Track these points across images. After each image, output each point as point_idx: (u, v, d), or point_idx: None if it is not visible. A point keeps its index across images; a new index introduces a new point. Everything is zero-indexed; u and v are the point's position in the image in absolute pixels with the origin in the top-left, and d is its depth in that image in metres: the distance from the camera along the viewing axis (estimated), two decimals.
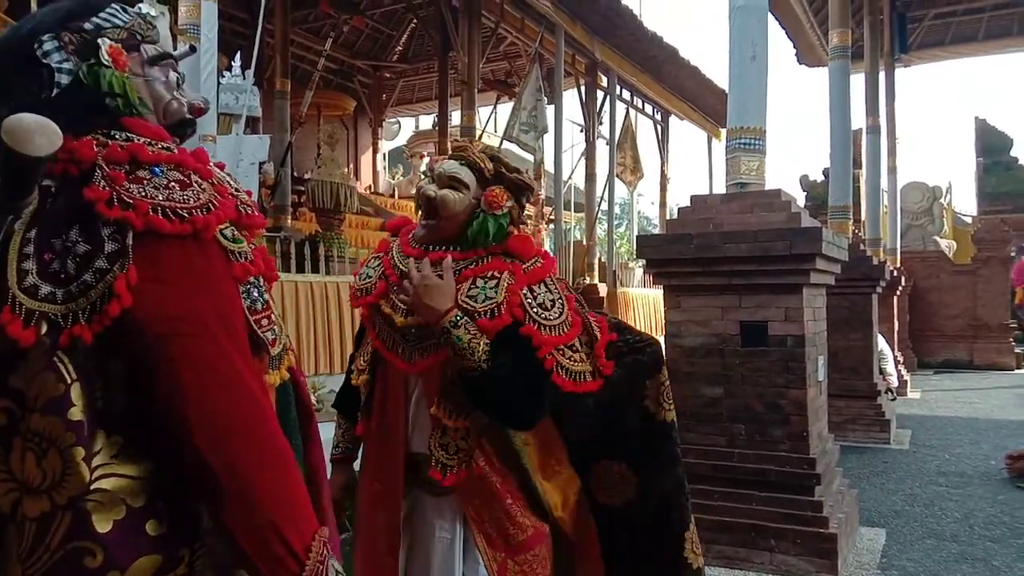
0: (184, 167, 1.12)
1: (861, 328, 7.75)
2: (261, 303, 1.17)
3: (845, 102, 8.92)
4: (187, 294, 1.04)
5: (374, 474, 1.88)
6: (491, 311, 1.71)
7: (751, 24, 4.64)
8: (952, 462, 6.80)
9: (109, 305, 0.98)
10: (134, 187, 1.05)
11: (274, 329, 1.19)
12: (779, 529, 3.96)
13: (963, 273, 15.85)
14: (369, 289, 1.87)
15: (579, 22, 10.65)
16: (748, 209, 4.25)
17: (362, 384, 1.92)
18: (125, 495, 1.01)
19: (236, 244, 1.14)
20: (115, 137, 1.11)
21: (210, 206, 1.10)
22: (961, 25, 15.02)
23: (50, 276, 1.01)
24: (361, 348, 1.99)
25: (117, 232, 1.02)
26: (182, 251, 1.05)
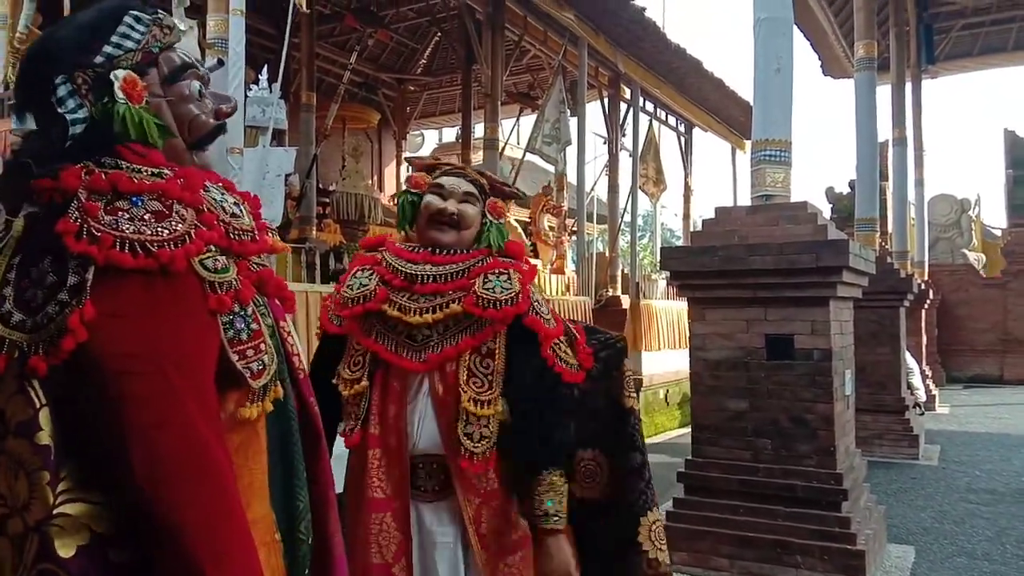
0: (167, 196, 1.10)
1: (889, 342, 7.66)
2: (247, 333, 1.13)
3: (871, 114, 8.84)
4: (143, 331, 1.02)
5: (379, 482, 1.87)
6: (511, 299, 1.88)
7: (776, 36, 4.62)
8: (983, 479, 6.68)
9: (64, 339, 0.98)
10: (108, 219, 1.04)
11: (262, 359, 1.14)
12: (805, 545, 3.90)
13: (993, 286, 15.63)
14: (368, 296, 1.90)
15: (602, 34, 10.66)
16: (774, 221, 4.22)
17: (354, 393, 1.90)
18: (88, 520, 1.00)
19: (218, 274, 1.11)
20: (104, 164, 1.10)
21: (185, 238, 1.07)
22: (989, 36, 14.85)
23: (23, 304, 1.01)
24: (344, 359, 1.94)
25: (80, 266, 1.01)
26: (145, 286, 1.03)
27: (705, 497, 4.26)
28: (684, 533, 4.22)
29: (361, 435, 1.89)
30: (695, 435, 4.41)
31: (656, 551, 2.08)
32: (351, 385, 1.90)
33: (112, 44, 1.17)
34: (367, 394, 1.90)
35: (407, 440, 1.88)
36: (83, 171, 1.07)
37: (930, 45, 13.15)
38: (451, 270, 1.91)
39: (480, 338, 1.89)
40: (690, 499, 4.32)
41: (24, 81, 1.19)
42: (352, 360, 1.92)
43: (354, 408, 1.90)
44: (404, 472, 1.87)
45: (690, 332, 4.46)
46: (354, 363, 1.92)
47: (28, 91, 1.18)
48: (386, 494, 1.87)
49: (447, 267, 1.91)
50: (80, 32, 1.17)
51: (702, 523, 4.18)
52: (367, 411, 1.90)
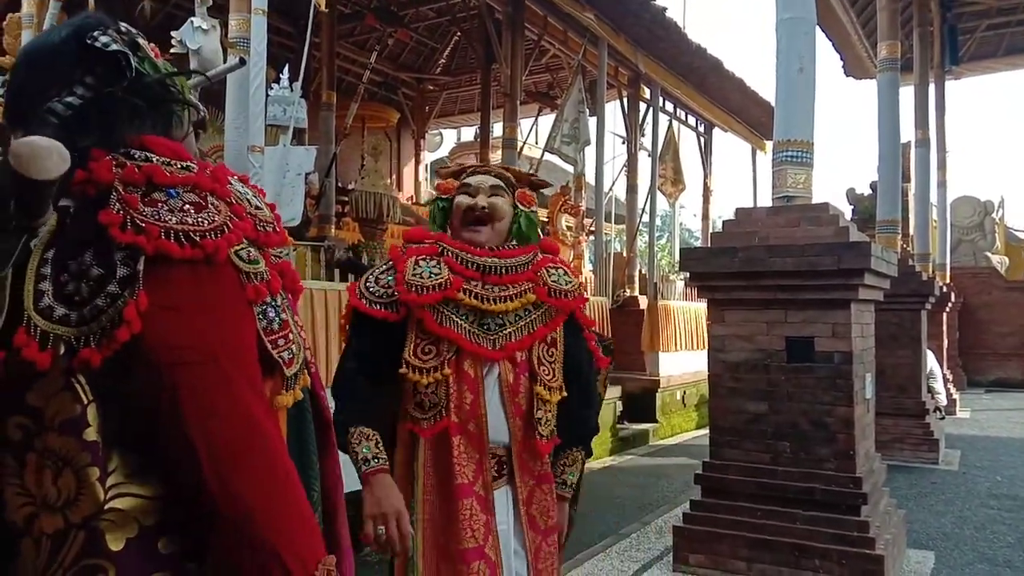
0: (200, 188, 1.11)
1: (910, 345, 7.59)
2: (278, 323, 1.15)
3: (894, 115, 8.76)
4: (195, 321, 1.03)
5: (462, 468, 1.93)
6: (576, 290, 2.07)
7: (798, 36, 4.59)
8: (1004, 484, 6.60)
9: (119, 330, 0.98)
10: (148, 210, 1.04)
11: (291, 348, 1.17)
12: (824, 549, 3.88)
13: (1016, 289, 15.45)
14: (445, 284, 1.93)
15: (622, 34, 10.63)
16: (795, 223, 4.19)
17: (432, 381, 1.93)
18: (137, 514, 1.02)
19: (252, 265, 1.12)
20: (134, 157, 1.10)
21: (224, 228, 1.09)
22: (1014, 36, 14.66)
23: (64, 298, 1.01)
24: (408, 346, 1.95)
25: (129, 257, 1.01)
26: (193, 276, 1.05)
27: (723, 499, 4.24)
28: (702, 535, 4.20)
29: (446, 422, 1.94)
30: (713, 437, 4.39)
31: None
32: (428, 374, 1.92)
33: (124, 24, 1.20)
34: (446, 382, 1.94)
35: (485, 426, 1.96)
36: (113, 163, 1.07)
37: (954, 46, 13.01)
38: (519, 262, 2.03)
39: (552, 326, 2.04)
40: (708, 501, 4.31)
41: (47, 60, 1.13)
42: (421, 348, 1.94)
43: (430, 397, 1.94)
44: (484, 457, 1.96)
45: (709, 334, 4.44)
46: (424, 351, 1.94)
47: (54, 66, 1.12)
48: (469, 480, 1.94)
49: (513, 260, 2.02)
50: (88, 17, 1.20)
51: (720, 525, 4.16)
52: (446, 399, 1.94)
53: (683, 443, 9.09)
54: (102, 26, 1.14)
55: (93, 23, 1.15)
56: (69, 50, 1.12)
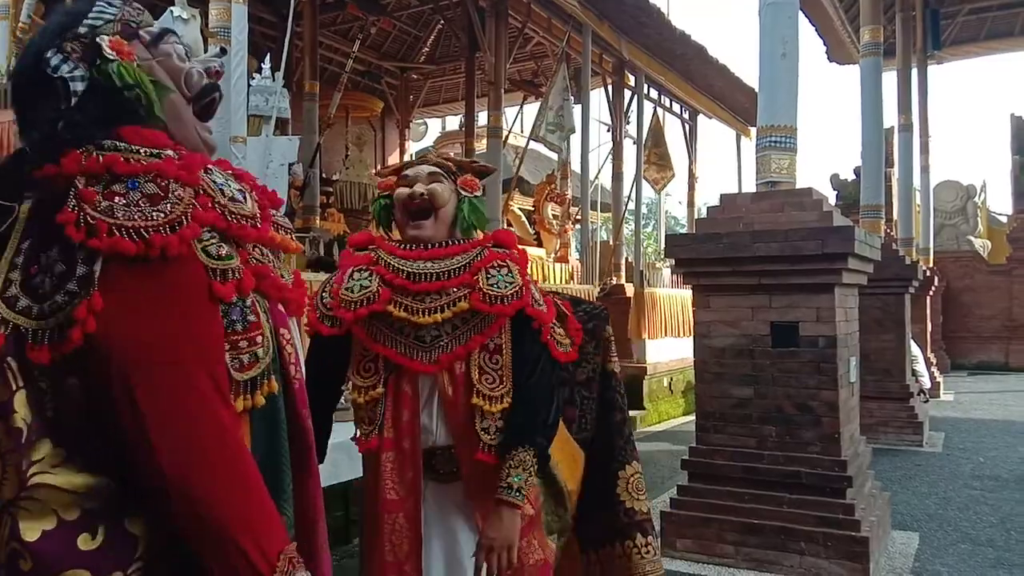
0: (163, 176, 1.08)
1: (893, 329, 7.65)
2: (242, 324, 1.11)
3: (877, 100, 8.79)
4: (156, 320, 1.02)
5: (392, 484, 1.90)
6: (516, 293, 1.90)
7: (781, 21, 4.59)
8: (987, 465, 6.68)
9: (72, 330, 0.98)
10: (104, 204, 1.03)
11: (256, 352, 1.12)
12: (809, 532, 3.91)
13: (998, 273, 15.59)
14: (372, 298, 1.86)
15: (606, 21, 10.59)
16: (779, 208, 4.21)
17: (369, 399, 1.89)
18: (57, 506, 1.00)
19: (222, 261, 1.09)
20: (104, 147, 1.08)
21: (181, 221, 1.05)
22: (996, 20, 14.72)
23: (30, 290, 1.02)
24: (353, 364, 1.92)
25: (88, 256, 1.01)
26: (149, 273, 1.03)
27: (710, 484, 4.27)
28: (689, 520, 4.23)
29: (377, 441, 1.90)
30: (699, 422, 4.41)
31: (633, 501, 2.26)
32: (365, 392, 1.89)
33: (91, 18, 1.19)
34: (382, 399, 1.90)
35: (420, 442, 1.91)
36: (83, 155, 1.06)
37: (936, 30, 13.06)
38: (453, 266, 1.90)
39: (488, 334, 1.90)
40: (695, 486, 4.33)
41: (17, 79, 1.19)
42: (362, 366, 1.91)
43: (368, 413, 1.91)
44: (417, 474, 1.90)
45: (695, 320, 4.46)
46: (364, 369, 1.90)
47: (21, 84, 1.17)
48: (399, 495, 1.90)
49: (447, 262, 1.90)
50: (59, 17, 1.20)
51: (707, 510, 4.19)
52: (382, 416, 1.90)
53: (670, 429, 9.13)
54: (57, 41, 1.15)
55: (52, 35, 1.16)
56: (35, 74, 1.15)
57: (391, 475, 1.90)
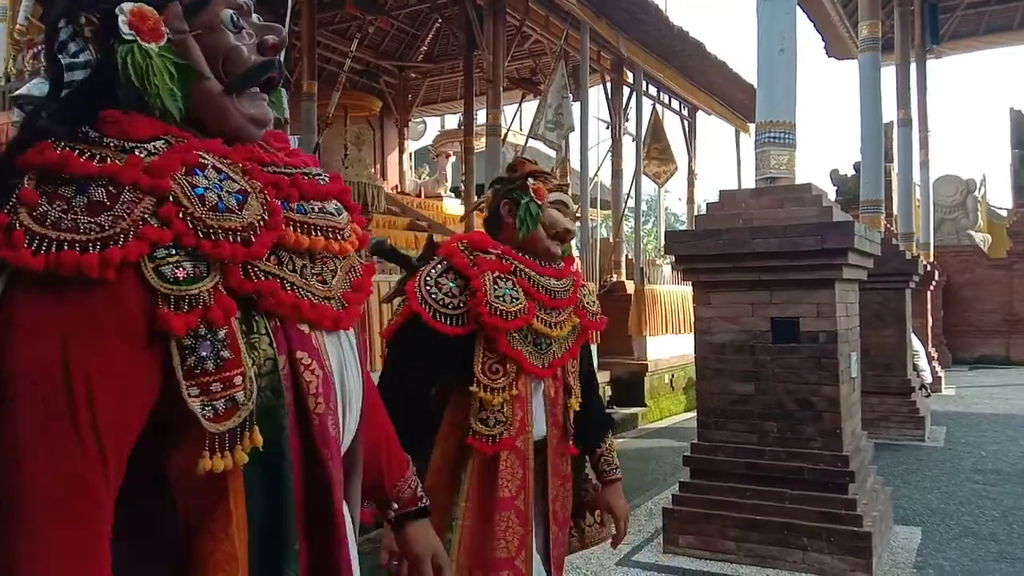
0: (117, 181, 0.87)
1: (894, 324, 7.65)
2: (214, 362, 0.89)
3: (876, 95, 8.80)
4: (34, 349, 0.83)
5: (506, 482, 2.02)
6: (600, 311, 2.27)
7: (779, 16, 4.59)
8: (989, 459, 6.68)
9: None
10: (42, 208, 0.85)
11: (235, 396, 0.90)
12: (812, 528, 3.91)
13: (999, 267, 15.58)
14: (524, 311, 1.99)
15: (604, 18, 10.59)
16: (778, 203, 4.21)
17: (505, 400, 1.99)
18: None
19: (179, 286, 0.88)
20: (83, 137, 0.92)
21: (119, 238, 0.85)
22: (995, 14, 14.71)
23: None
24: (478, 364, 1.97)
25: (1, 266, 0.85)
26: (56, 296, 0.84)
27: (711, 481, 4.27)
28: (691, 517, 4.23)
29: (510, 439, 2.01)
30: (701, 419, 4.41)
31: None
32: (501, 392, 1.98)
33: None
34: (513, 401, 2.01)
35: (531, 441, 2.07)
36: (51, 145, 0.90)
37: (935, 25, 13.06)
38: (568, 286, 2.13)
39: (581, 341, 2.20)
40: (696, 483, 4.33)
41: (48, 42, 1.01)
42: (488, 367, 1.99)
43: (496, 414, 1.99)
44: (527, 471, 2.05)
45: (695, 316, 4.45)
46: (492, 370, 1.99)
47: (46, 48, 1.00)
48: (511, 492, 2.02)
49: (565, 282, 2.12)
50: None
51: (709, 507, 4.19)
52: (511, 417, 2.01)
53: (672, 426, 9.14)
54: (75, 9, 0.97)
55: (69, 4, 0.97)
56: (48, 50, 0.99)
57: (505, 473, 2.02)
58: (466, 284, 1.97)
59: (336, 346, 1.07)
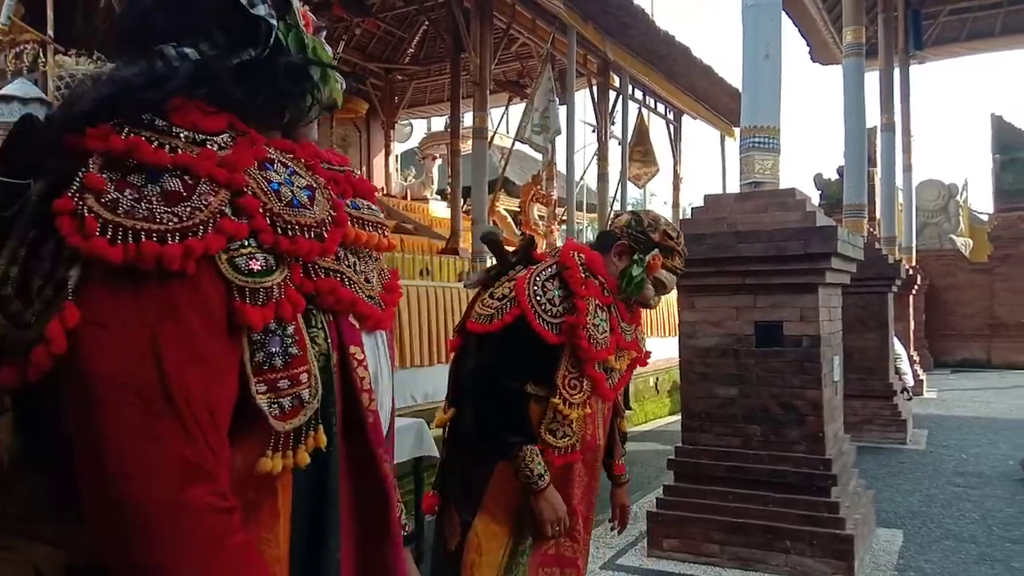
0: (193, 172, 0.85)
1: (877, 328, 7.70)
2: (283, 359, 0.88)
3: (860, 100, 8.86)
4: (124, 345, 0.79)
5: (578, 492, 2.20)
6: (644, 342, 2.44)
7: (764, 22, 4.62)
8: (970, 462, 6.74)
9: (36, 350, 0.78)
10: (111, 196, 0.81)
11: (301, 394, 0.89)
12: (795, 530, 3.93)
13: (980, 271, 15.73)
14: (607, 344, 2.12)
15: (591, 22, 10.62)
16: (762, 208, 4.23)
17: (581, 416, 2.12)
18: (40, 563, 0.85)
19: (253, 278, 0.85)
20: (148, 125, 0.87)
21: (198, 230, 0.82)
22: (977, 21, 14.89)
23: (24, 291, 0.82)
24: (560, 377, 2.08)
25: (70, 257, 0.80)
26: (136, 288, 0.80)
27: (695, 484, 4.28)
28: (675, 520, 4.24)
29: (580, 453, 2.16)
30: (685, 422, 4.42)
31: None
32: (580, 407, 2.11)
33: None
34: (588, 418, 2.16)
35: (600, 454, 2.28)
36: (112, 130, 0.85)
37: (918, 30, 13.18)
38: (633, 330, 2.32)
39: (632, 370, 2.35)
40: (680, 486, 4.34)
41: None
42: (568, 382, 2.08)
43: (567, 428, 2.10)
44: (593, 478, 2.25)
45: (680, 320, 4.47)
46: (571, 386, 2.08)
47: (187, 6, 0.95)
48: (578, 501, 2.21)
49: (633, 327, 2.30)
50: None
51: (692, 510, 4.20)
52: (582, 432, 2.15)
53: (656, 429, 9.16)
54: None
55: None
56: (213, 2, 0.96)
57: (577, 484, 2.18)
58: (568, 296, 2.06)
59: (373, 347, 1.05)
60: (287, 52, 0.98)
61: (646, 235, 2.17)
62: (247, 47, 0.94)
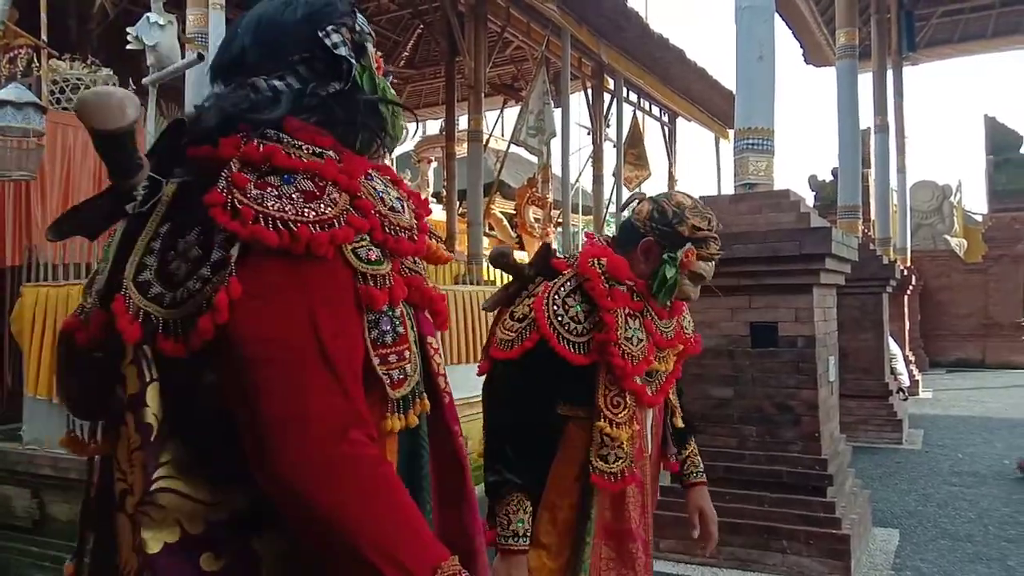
0: (321, 176, 0.99)
1: (872, 328, 7.72)
2: (392, 336, 1.02)
3: (853, 101, 8.89)
4: (287, 314, 0.92)
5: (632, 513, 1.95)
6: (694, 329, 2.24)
7: (757, 24, 4.64)
8: (965, 462, 6.76)
9: (203, 318, 0.90)
10: (255, 192, 0.95)
11: (405, 368, 1.03)
12: (791, 530, 3.94)
13: (974, 272, 15.77)
14: (644, 352, 1.89)
15: (585, 25, 10.65)
16: (757, 210, 4.24)
17: (631, 436, 1.87)
18: (182, 517, 0.93)
19: (371, 266, 1.00)
20: (266, 136, 1.00)
21: (334, 222, 0.96)
22: (969, 22, 14.94)
23: (166, 276, 0.95)
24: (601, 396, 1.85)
25: (227, 241, 0.92)
26: (290, 268, 0.93)
27: None
28: (671, 521, 4.23)
29: (632, 480, 1.89)
30: None
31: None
32: (623, 428, 1.85)
33: (361, 20, 1.17)
34: (635, 436, 1.89)
35: (648, 466, 2.03)
36: (241, 140, 0.99)
37: (911, 32, 13.22)
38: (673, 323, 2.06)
39: (683, 361, 2.15)
40: (677, 487, 4.34)
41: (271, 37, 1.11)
42: (610, 400, 1.85)
43: (617, 450, 1.84)
44: (645, 498, 2.02)
45: None
46: (613, 403, 1.85)
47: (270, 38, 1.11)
48: (636, 523, 1.97)
49: (673, 321, 2.06)
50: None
51: None
52: (632, 452, 1.88)
53: None
54: (338, 19, 1.12)
55: (330, 12, 1.12)
56: (298, 36, 1.10)
57: (632, 505, 1.95)
58: (592, 309, 1.85)
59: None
60: (362, 90, 1.12)
61: (673, 229, 1.92)
62: (331, 81, 1.08)
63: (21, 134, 4.82)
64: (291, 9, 1.11)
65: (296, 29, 1.10)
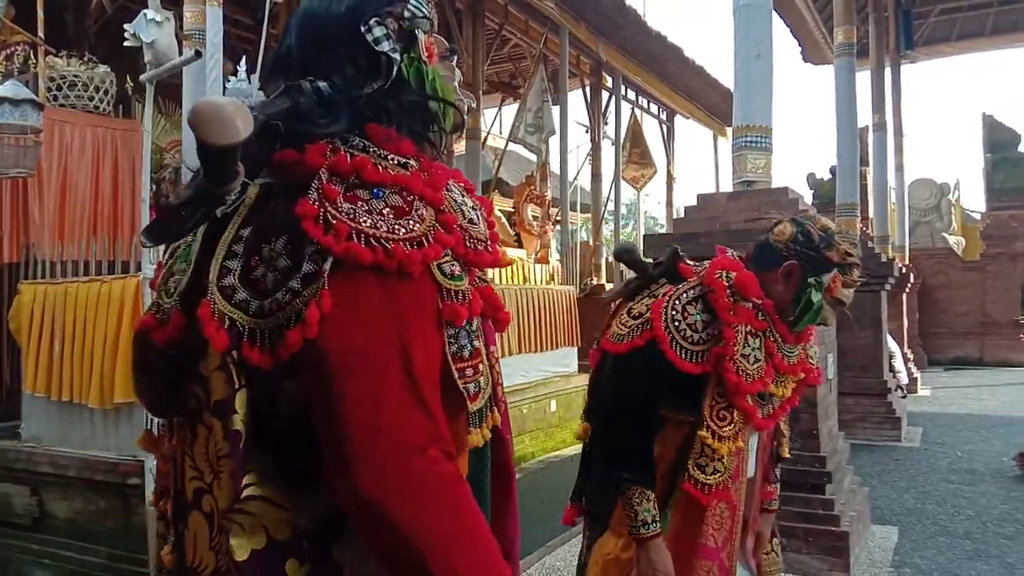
0: (409, 191, 0.98)
1: (870, 326, 7.72)
2: (469, 350, 1.02)
3: (851, 99, 8.89)
4: (375, 329, 0.92)
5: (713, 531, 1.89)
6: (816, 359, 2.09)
7: (755, 22, 4.64)
8: (964, 459, 6.76)
9: (292, 331, 0.89)
10: (346, 206, 0.93)
11: (479, 381, 1.04)
12: (790, 527, 3.94)
13: (972, 269, 15.78)
14: (762, 373, 1.85)
15: (583, 22, 10.65)
16: (755, 207, 4.24)
17: (732, 451, 1.86)
18: (268, 524, 0.94)
19: (453, 282, 1.00)
20: (351, 144, 0.99)
21: (423, 240, 0.95)
22: (967, 20, 14.94)
23: (250, 283, 0.94)
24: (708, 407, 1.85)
25: (318, 254, 0.91)
26: (380, 284, 0.93)
27: None
28: None
29: (726, 496, 1.88)
30: None
31: None
32: (727, 442, 1.84)
33: (413, 5, 1.09)
34: (739, 452, 1.88)
35: (746, 494, 1.97)
36: (328, 148, 0.97)
37: (909, 30, 13.22)
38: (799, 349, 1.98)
39: (801, 392, 2.04)
40: None
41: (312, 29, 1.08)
42: (717, 412, 1.85)
43: (715, 462, 1.84)
44: (735, 523, 1.92)
45: None
46: (719, 416, 1.85)
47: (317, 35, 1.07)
48: (717, 544, 1.89)
49: (799, 347, 1.98)
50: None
51: None
52: (732, 468, 1.87)
53: None
54: (383, 11, 1.06)
55: (375, 1, 1.07)
56: (340, 32, 1.05)
57: (712, 523, 1.88)
58: (713, 321, 1.84)
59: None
60: (408, 86, 1.08)
61: (820, 254, 1.89)
62: (372, 79, 1.04)
63: (18, 131, 4.81)
64: (336, 1, 1.08)
65: (340, 23, 1.06)
